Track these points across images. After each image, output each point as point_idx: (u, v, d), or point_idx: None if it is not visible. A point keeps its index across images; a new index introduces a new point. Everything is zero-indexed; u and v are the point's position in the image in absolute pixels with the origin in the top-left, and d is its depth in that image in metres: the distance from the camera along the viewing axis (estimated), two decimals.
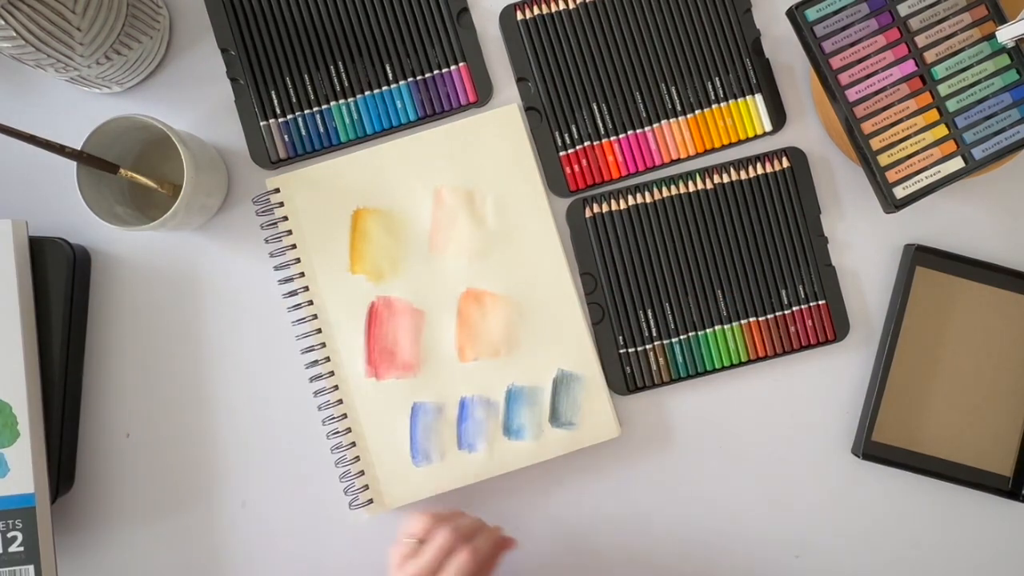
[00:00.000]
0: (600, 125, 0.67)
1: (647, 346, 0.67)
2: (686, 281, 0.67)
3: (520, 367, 0.66)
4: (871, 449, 0.65)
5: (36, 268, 0.63)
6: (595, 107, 0.67)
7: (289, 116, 0.67)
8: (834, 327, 0.66)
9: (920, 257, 0.65)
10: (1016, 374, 0.66)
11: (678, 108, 0.67)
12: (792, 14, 0.61)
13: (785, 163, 0.67)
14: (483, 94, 0.67)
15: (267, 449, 0.67)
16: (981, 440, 0.66)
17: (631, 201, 0.67)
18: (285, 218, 0.66)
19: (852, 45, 0.61)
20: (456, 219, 0.66)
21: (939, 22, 0.60)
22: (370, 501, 0.65)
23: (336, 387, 0.66)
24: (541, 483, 0.67)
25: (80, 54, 0.58)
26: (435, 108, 0.67)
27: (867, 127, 0.61)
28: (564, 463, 0.66)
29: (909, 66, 0.61)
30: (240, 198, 0.67)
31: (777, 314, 0.66)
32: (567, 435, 0.65)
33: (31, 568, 0.61)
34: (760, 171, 0.67)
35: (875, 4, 0.60)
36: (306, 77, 0.67)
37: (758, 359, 0.67)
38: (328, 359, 0.66)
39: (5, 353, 0.61)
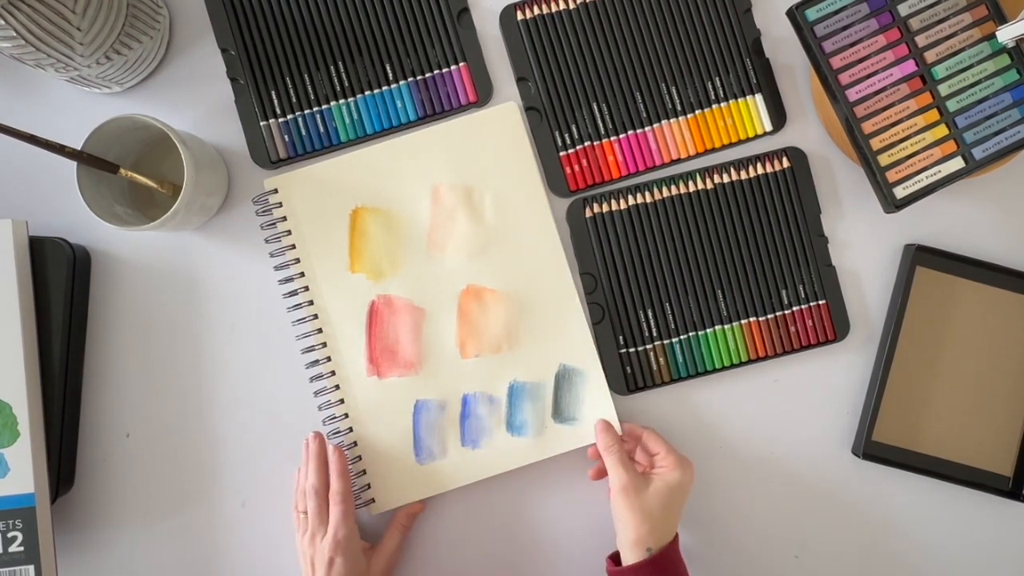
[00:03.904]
0: (600, 125, 0.67)
1: (647, 346, 0.67)
2: (686, 281, 0.67)
3: (522, 363, 0.66)
4: (871, 449, 0.65)
5: (36, 268, 0.63)
6: (595, 107, 0.67)
7: (289, 116, 0.67)
8: (834, 327, 0.66)
9: (920, 257, 0.65)
10: (1016, 374, 0.66)
11: (678, 108, 0.67)
12: (792, 14, 0.61)
13: (785, 163, 0.67)
14: (483, 94, 0.67)
15: (267, 449, 0.67)
16: (981, 440, 0.66)
17: (631, 201, 0.67)
18: (284, 218, 0.66)
19: (852, 45, 0.61)
20: (454, 216, 0.66)
21: (939, 22, 0.60)
22: (372, 500, 0.65)
23: (337, 386, 0.66)
24: (542, 481, 0.67)
25: (80, 54, 0.58)
26: (435, 108, 0.67)
27: (867, 127, 0.61)
28: (565, 462, 0.66)
29: (909, 66, 0.61)
30: (240, 198, 0.67)
31: (777, 314, 0.67)
32: (570, 430, 0.65)
33: (31, 568, 0.61)
34: (760, 171, 0.67)
35: (875, 4, 0.60)
36: (306, 77, 0.67)
37: (758, 359, 0.67)
38: (329, 359, 0.66)
39: (5, 353, 0.61)
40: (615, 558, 0.61)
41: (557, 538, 0.67)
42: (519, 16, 0.67)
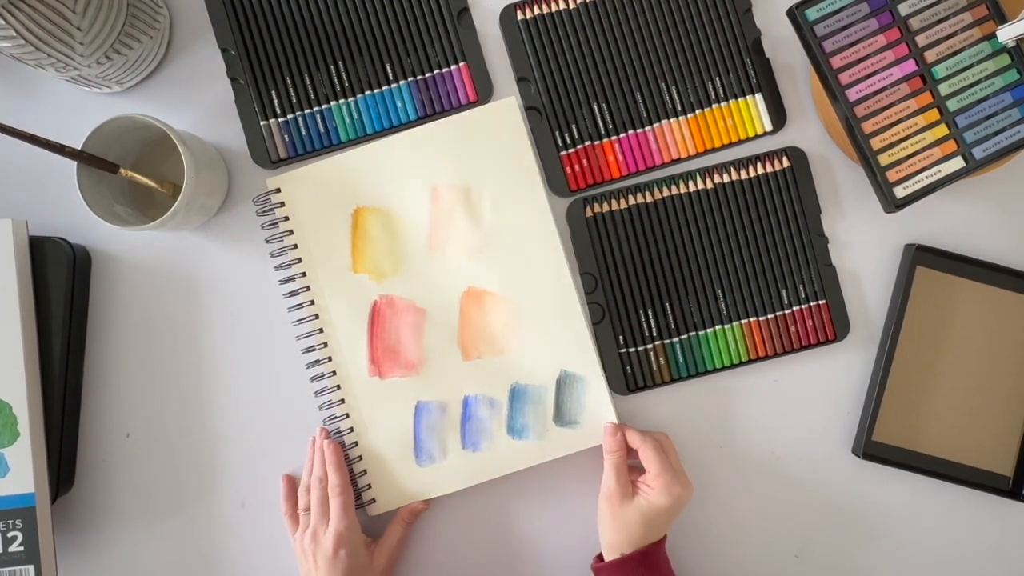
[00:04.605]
0: (600, 125, 0.67)
1: (647, 346, 0.67)
2: (686, 281, 0.67)
3: (523, 366, 0.66)
4: (871, 449, 0.65)
5: (36, 268, 0.63)
6: (595, 107, 0.67)
7: (289, 116, 0.67)
8: (834, 327, 0.66)
9: (920, 257, 0.65)
10: (1016, 374, 0.66)
11: (678, 108, 0.67)
12: (792, 14, 0.61)
13: (785, 163, 0.67)
14: (483, 94, 0.67)
15: (267, 449, 0.67)
16: (981, 440, 0.66)
17: (631, 201, 0.67)
18: (286, 218, 0.66)
19: (852, 45, 0.61)
20: (453, 216, 0.66)
21: (939, 22, 0.60)
22: (372, 500, 0.65)
23: (338, 386, 0.66)
24: (543, 484, 0.67)
25: (80, 54, 0.58)
26: (435, 108, 0.67)
27: (867, 127, 0.61)
28: (565, 464, 0.66)
29: (909, 66, 0.61)
30: (240, 198, 0.67)
31: (777, 314, 0.67)
32: (571, 434, 0.65)
33: (31, 568, 0.61)
34: (760, 171, 0.67)
35: (875, 4, 0.60)
36: (306, 77, 0.67)
37: (758, 359, 0.67)
38: (330, 358, 0.66)
39: (5, 353, 0.61)
40: (601, 555, 0.62)
41: (556, 541, 0.67)
42: (519, 16, 0.67)
